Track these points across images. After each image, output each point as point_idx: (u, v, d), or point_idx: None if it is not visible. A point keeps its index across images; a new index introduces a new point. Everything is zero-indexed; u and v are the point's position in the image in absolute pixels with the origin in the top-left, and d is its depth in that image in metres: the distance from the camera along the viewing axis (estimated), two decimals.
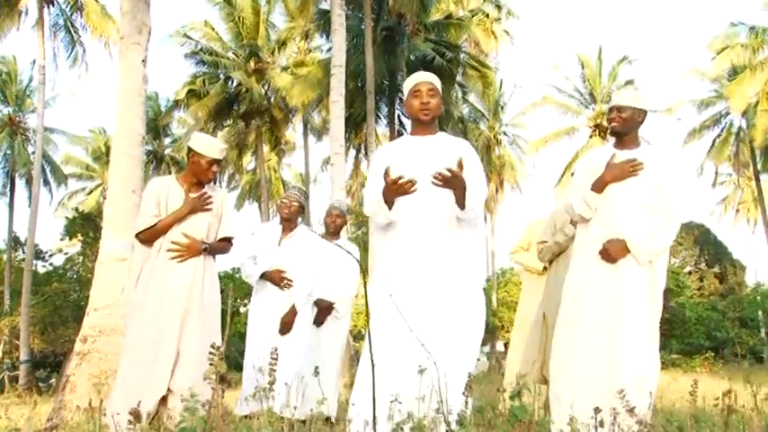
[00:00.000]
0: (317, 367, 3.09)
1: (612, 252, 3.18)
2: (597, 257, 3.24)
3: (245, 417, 4.03)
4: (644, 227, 3.19)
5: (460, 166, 2.81)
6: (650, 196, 3.23)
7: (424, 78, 3.15)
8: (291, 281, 4.61)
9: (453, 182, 2.81)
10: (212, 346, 1.00)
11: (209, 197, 3.70)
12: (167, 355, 3.47)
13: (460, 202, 2.88)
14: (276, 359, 1.47)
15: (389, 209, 2.91)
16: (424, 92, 3.09)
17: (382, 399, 2.29)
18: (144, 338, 3.52)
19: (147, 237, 3.64)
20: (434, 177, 2.79)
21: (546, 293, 4.44)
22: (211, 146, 3.69)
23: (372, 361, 2.27)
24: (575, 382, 3.14)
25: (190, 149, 3.71)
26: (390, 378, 2.60)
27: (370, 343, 2.38)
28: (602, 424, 2.11)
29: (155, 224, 3.62)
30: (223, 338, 3.47)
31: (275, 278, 4.62)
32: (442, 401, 2.07)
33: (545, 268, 4.63)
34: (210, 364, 0.93)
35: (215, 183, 4.02)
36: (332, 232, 5.12)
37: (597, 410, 2.08)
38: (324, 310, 4.86)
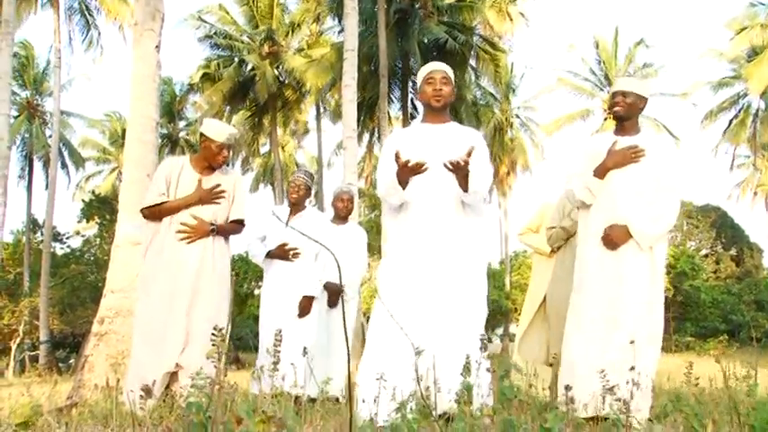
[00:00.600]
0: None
1: (614, 237, 3.24)
2: (599, 243, 3.29)
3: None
4: (645, 212, 3.24)
5: (470, 154, 2.91)
6: (651, 182, 3.28)
7: (439, 67, 3.29)
8: (298, 250, 4.65)
9: (463, 169, 2.93)
10: (215, 328, 1.08)
11: (222, 191, 3.79)
12: (176, 334, 3.58)
13: (463, 186, 3.01)
14: (281, 340, 1.55)
15: (403, 189, 3.04)
16: (437, 79, 3.22)
17: (387, 379, 2.39)
18: (154, 318, 3.63)
19: (152, 214, 3.76)
20: (446, 164, 2.91)
21: (553, 276, 4.49)
22: (221, 131, 3.78)
23: (377, 341, 2.37)
24: (578, 366, 3.20)
25: (201, 134, 3.80)
26: (395, 358, 2.70)
27: (384, 322, 2.45)
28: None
29: (161, 203, 3.72)
30: (234, 320, 3.59)
31: (281, 252, 4.68)
32: (436, 382, 2.14)
33: (553, 251, 4.67)
34: (213, 344, 1.00)
35: (229, 165, 4.11)
36: (342, 216, 5.18)
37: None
38: (334, 294, 4.93)
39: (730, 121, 29.10)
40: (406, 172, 2.97)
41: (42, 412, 2.07)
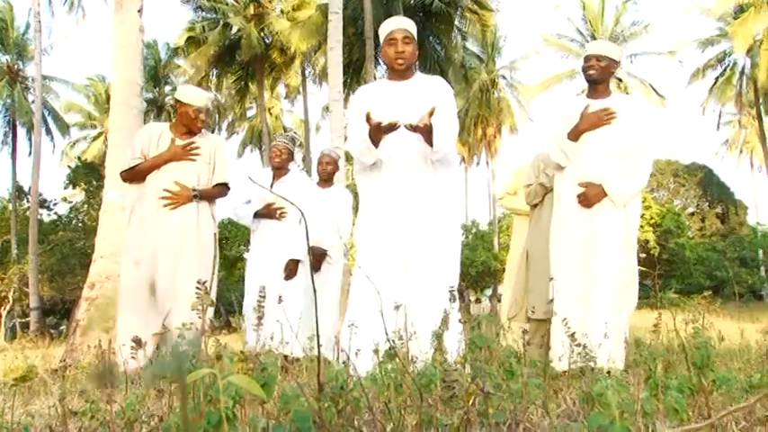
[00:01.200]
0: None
1: (590, 196, 3.32)
2: (575, 202, 3.38)
3: None
4: (618, 171, 3.33)
5: (431, 114, 2.91)
6: (623, 142, 3.37)
7: (399, 25, 3.19)
8: (285, 209, 4.70)
9: (424, 129, 2.94)
10: (199, 281, 1.14)
11: (195, 147, 3.85)
12: (162, 297, 3.68)
13: (429, 143, 3.01)
14: (264, 296, 1.62)
15: (376, 148, 3.04)
16: (399, 40, 3.14)
17: (368, 332, 2.49)
18: (139, 282, 3.72)
19: (130, 177, 3.86)
20: (406, 126, 2.92)
21: (530, 234, 4.58)
22: (196, 95, 3.86)
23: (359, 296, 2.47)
24: (554, 321, 3.31)
25: (177, 101, 3.88)
26: (374, 313, 2.79)
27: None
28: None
29: (135, 165, 3.81)
30: (223, 283, 3.66)
31: (269, 212, 4.73)
32: (414, 334, 2.23)
33: (532, 208, 4.74)
34: (197, 297, 1.07)
35: (214, 131, 4.16)
36: (324, 179, 5.22)
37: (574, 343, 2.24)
38: (319, 257, 5.00)
39: (716, 79, 29.14)
40: (379, 132, 2.96)
41: (38, 372, 2.14)
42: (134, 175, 3.84)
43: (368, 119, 2.93)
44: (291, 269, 4.65)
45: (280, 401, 0.90)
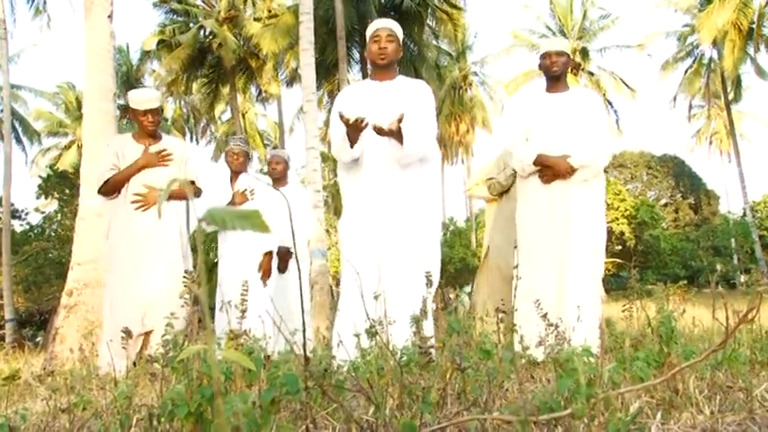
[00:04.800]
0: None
1: (556, 169, 3.40)
2: (538, 183, 3.47)
3: None
4: (582, 149, 3.44)
5: (400, 120, 2.99)
6: (584, 134, 3.47)
7: (385, 25, 3.35)
8: (253, 189, 4.72)
9: (392, 134, 3.02)
10: (186, 272, 1.19)
11: (168, 153, 3.94)
12: (141, 296, 3.75)
13: (400, 143, 3.10)
14: (247, 290, 1.66)
15: (351, 147, 3.14)
16: (383, 37, 3.29)
17: (351, 321, 2.56)
18: (120, 286, 3.81)
19: (108, 189, 3.92)
20: (374, 129, 3.00)
21: (493, 225, 4.71)
22: (140, 99, 3.93)
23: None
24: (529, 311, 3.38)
25: (127, 108, 3.98)
26: (356, 303, 2.87)
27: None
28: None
29: (112, 176, 3.89)
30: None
31: (240, 198, 4.71)
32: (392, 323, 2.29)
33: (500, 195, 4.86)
34: (185, 286, 1.11)
35: (187, 136, 4.25)
36: (276, 179, 5.23)
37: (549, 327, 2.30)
38: (284, 257, 5.01)
39: (686, 71, 29.59)
40: (351, 130, 3.06)
41: (21, 375, 2.16)
42: (110, 188, 3.92)
43: (341, 117, 3.02)
44: (266, 263, 4.67)
45: (269, 368, 0.94)
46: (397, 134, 3.03)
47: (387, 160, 3.19)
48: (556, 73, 3.57)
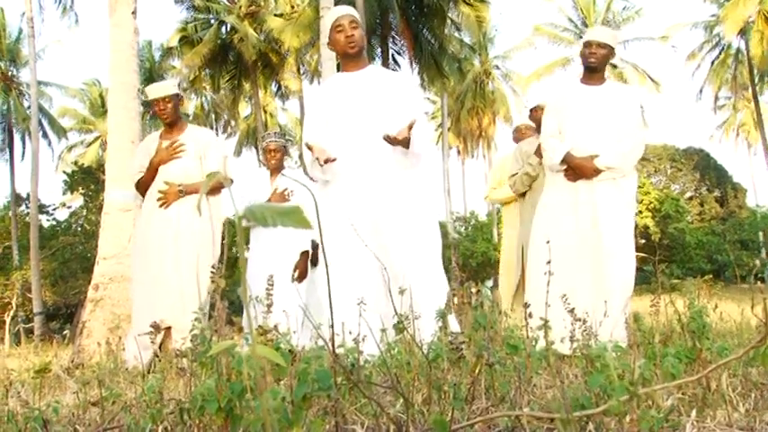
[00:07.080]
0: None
1: (584, 169, 3.36)
2: (564, 181, 3.43)
3: None
4: (613, 148, 3.38)
5: (411, 127, 2.90)
6: (617, 129, 3.41)
7: (345, 12, 3.22)
8: (291, 191, 4.73)
9: (402, 142, 2.92)
10: (212, 266, 1.19)
11: (178, 145, 3.98)
12: (167, 293, 3.81)
13: (406, 147, 3.00)
14: (273, 284, 1.66)
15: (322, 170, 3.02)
16: (346, 25, 3.16)
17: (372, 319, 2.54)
18: (147, 282, 3.88)
19: (141, 192, 4.11)
20: (384, 138, 2.89)
21: (522, 222, 4.63)
22: (147, 90, 4.04)
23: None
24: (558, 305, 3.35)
25: (148, 103, 4.07)
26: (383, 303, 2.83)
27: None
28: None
29: (140, 179, 4.06)
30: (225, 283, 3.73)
31: (279, 198, 4.72)
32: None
33: (522, 195, 4.75)
34: (212, 281, 1.11)
35: (213, 128, 4.32)
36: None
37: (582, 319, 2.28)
38: (314, 251, 5.00)
39: (712, 63, 29.17)
40: (319, 162, 2.94)
41: (52, 368, 2.19)
42: (143, 186, 4.08)
43: (309, 148, 2.95)
44: (303, 269, 4.70)
45: (300, 363, 0.94)
46: (405, 143, 2.94)
47: (374, 162, 3.05)
48: (593, 64, 3.46)
